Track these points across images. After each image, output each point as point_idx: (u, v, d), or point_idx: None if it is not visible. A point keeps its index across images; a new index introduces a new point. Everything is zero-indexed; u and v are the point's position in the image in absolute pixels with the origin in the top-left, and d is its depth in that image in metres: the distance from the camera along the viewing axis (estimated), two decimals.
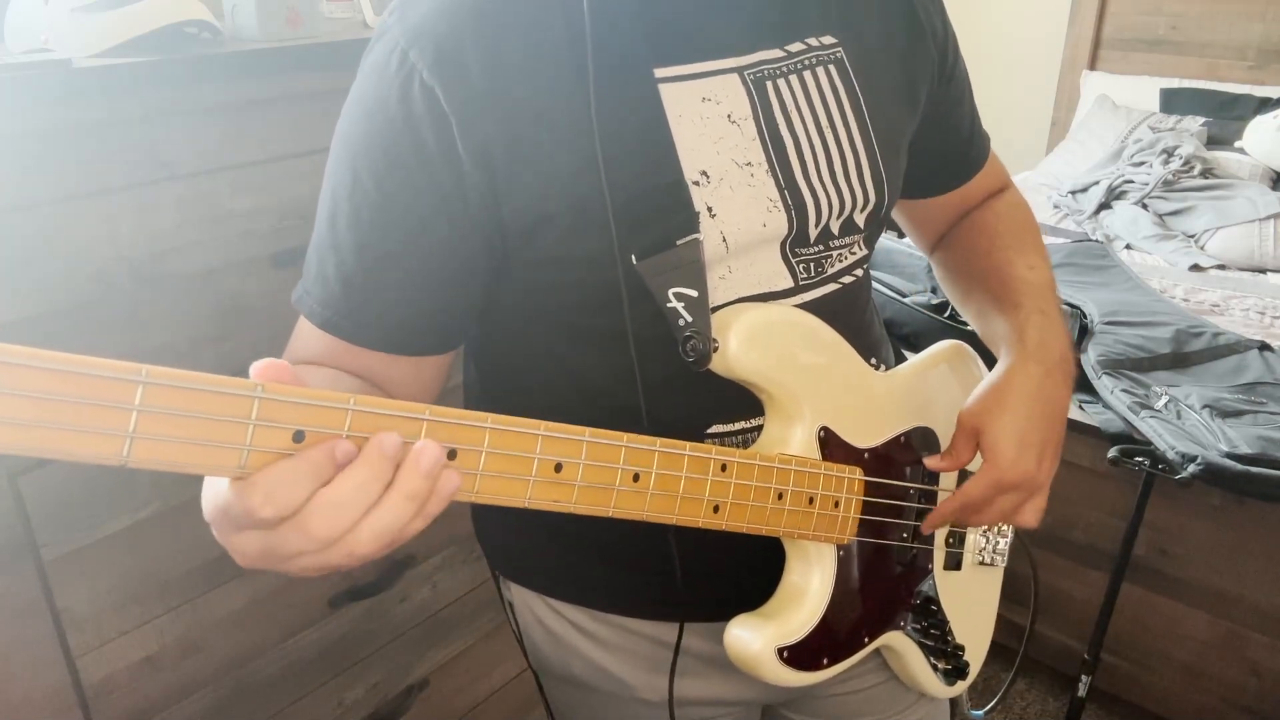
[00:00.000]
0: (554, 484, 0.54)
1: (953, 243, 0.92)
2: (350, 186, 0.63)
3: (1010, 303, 0.81)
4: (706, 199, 0.66)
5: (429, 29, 0.60)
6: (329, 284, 0.64)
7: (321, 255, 0.65)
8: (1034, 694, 1.99)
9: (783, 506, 0.67)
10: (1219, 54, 2.97)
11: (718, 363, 0.66)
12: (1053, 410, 0.75)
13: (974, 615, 0.88)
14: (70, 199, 0.97)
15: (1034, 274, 0.83)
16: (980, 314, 0.86)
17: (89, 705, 1.09)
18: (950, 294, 0.94)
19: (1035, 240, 0.88)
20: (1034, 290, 0.81)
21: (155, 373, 0.39)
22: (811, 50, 0.71)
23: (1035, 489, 0.75)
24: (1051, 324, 0.78)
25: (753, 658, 0.70)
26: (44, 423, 0.37)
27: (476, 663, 1.57)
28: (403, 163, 0.61)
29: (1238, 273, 2.28)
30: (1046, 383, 0.75)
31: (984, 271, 0.86)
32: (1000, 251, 0.85)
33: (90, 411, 0.38)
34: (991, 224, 0.89)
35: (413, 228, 0.62)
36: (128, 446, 0.39)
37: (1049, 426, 0.75)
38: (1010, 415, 0.73)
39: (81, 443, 0.38)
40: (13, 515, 0.98)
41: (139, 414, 0.39)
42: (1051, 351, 0.77)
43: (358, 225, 0.63)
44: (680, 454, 0.60)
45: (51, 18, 1.04)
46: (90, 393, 0.38)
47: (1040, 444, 0.74)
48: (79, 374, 0.38)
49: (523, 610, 0.86)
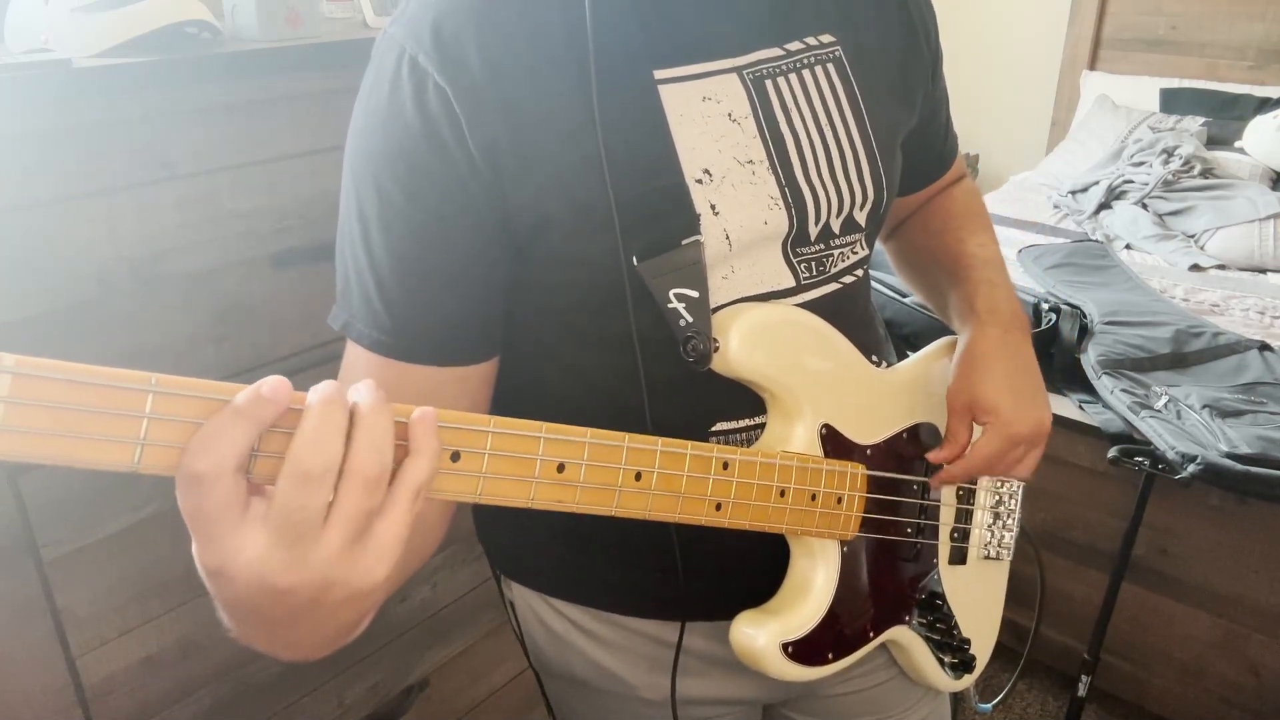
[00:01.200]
0: (557, 484, 0.54)
1: (909, 227, 0.95)
2: (378, 201, 0.62)
3: (961, 277, 0.85)
4: (710, 197, 0.66)
5: (433, 32, 0.60)
6: (372, 305, 0.64)
7: (360, 276, 0.64)
8: (1034, 694, 1.99)
9: (785, 504, 0.68)
10: (1219, 54, 2.97)
11: (719, 363, 0.66)
12: (1024, 362, 0.79)
13: (980, 609, 0.89)
14: (70, 199, 0.97)
15: (983, 250, 0.87)
16: (935, 292, 0.90)
17: (89, 705, 1.09)
18: (903, 275, 0.98)
19: (985, 222, 0.92)
20: (981, 263, 0.85)
21: (165, 381, 0.40)
22: (810, 49, 0.72)
23: (1042, 436, 0.78)
24: (997, 290, 0.82)
25: (758, 653, 0.71)
26: (58, 432, 0.38)
27: (476, 663, 1.57)
28: (427, 167, 0.61)
29: (1238, 273, 2.28)
30: (1008, 339, 0.78)
31: (936, 250, 0.90)
32: (953, 232, 0.89)
33: (103, 420, 0.39)
34: (946, 207, 0.93)
35: (446, 233, 0.62)
36: (139, 453, 0.40)
37: (1027, 375, 0.78)
38: (990, 375, 0.76)
39: (95, 451, 0.39)
40: (13, 515, 0.98)
41: (150, 421, 0.40)
42: (1001, 314, 0.80)
43: (391, 239, 0.62)
44: (682, 453, 0.60)
45: (51, 18, 1.04)
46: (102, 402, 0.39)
47: (1030, 392, 0.77)
48: (91, 384, 0.39)
49: (524, 610, 0.86)
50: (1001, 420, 0.75)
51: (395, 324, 0.63)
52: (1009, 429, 0.75)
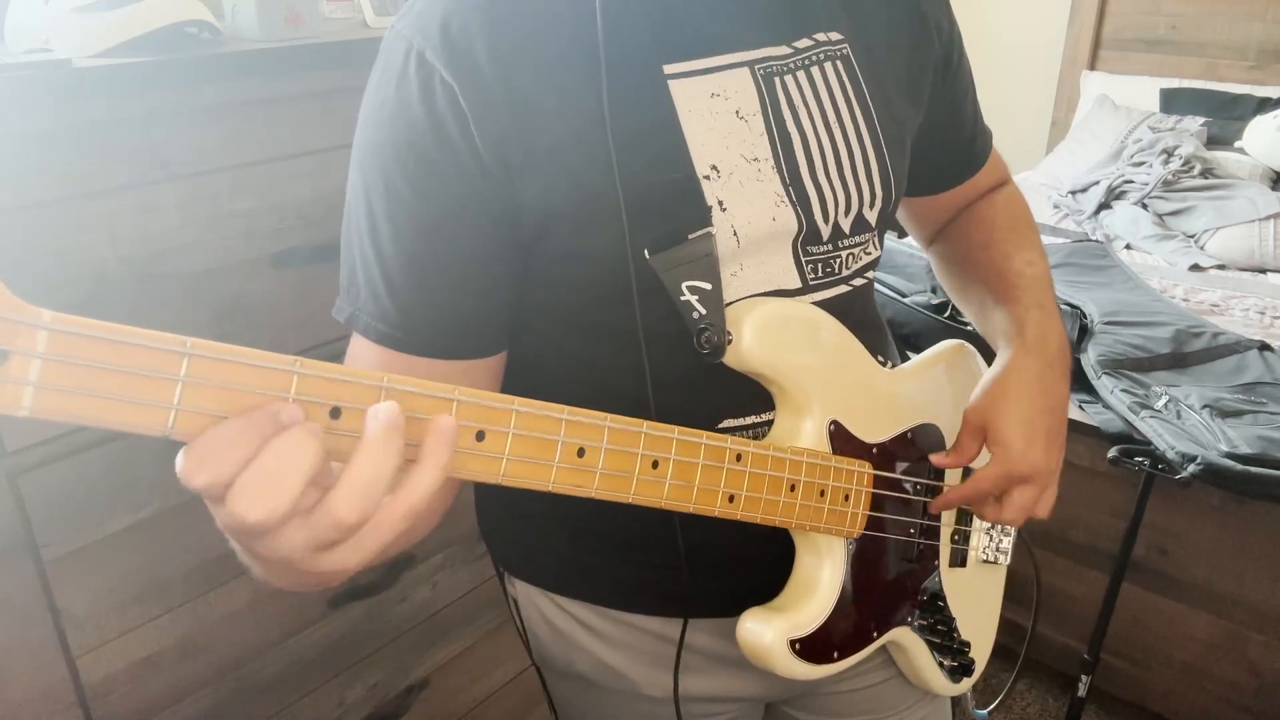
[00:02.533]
0: (576, 469, 0.54)
1: (951, 235, 0.93)
2: (385, 195, 0.62)
3: (1009, 297, 0.82)
4: (717, 193, 0.66)
5: (440, 28, 0.60)
6: (379, 297, 0.64)
7: (366, 269, 0.64)
8: (1034, 694, 1.99)
9: (795, 499, 0.68)
10: (1219, 54, 2.97)
11: (731, 355, 0.67)
12: (1054, 402, 0.77)
13: (979, 612, 0.89)
14: (70, 199, 0.97)
15: (1032, 269, 0.84)
16: (978, 307, 0.87)
17: (89, 705, 1.09)
18: (947, 286, 0.95)
19: (1033, 235, 0.89)
20: (1032, 285, 0.82)
21: (200, 345, 0.40)
22: (819, 46, 0.71)
23: (1047, 480, 0.77)
24: (1049, 318, 0.80)
25: (765, 649, 0.71)
26: (94, 392, 0.38)
27: (477, 663, 1.57)
28: (434, 163, 0.61)
29: (1238, 273, 2.28)
30: (1046, 374, 0.77)
31: (982, 264, 0.87)
32: (998, 245, 0.86)
33: (138, 382, 0.39)
34: (990, 217, 0.90)
35: (453, 227, 0.62)
36: (172, 418, 0.40)
37: (1052, 417, 0.76)
38: (1014, 408, 0.75)
39: (130, 413, 0.39)
40: (13, 515, 0.98)
41: (184, 385, 0.40)
42: (1050, 346, 0.78)
43: (398, 233, 0.62)
44: (697, 442, 0.61)
45: (51, 18, 1.04)
46: (138, 363, 0.38)
47: (1046, 435, 0.75)
48: (128, 344, 0.38)
49: (527, 606, 0.86)
50: (1008, 455, 0.74)
51: (402, 317, 0.64)
52: (1009, 465, 0.74)
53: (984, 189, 0.93)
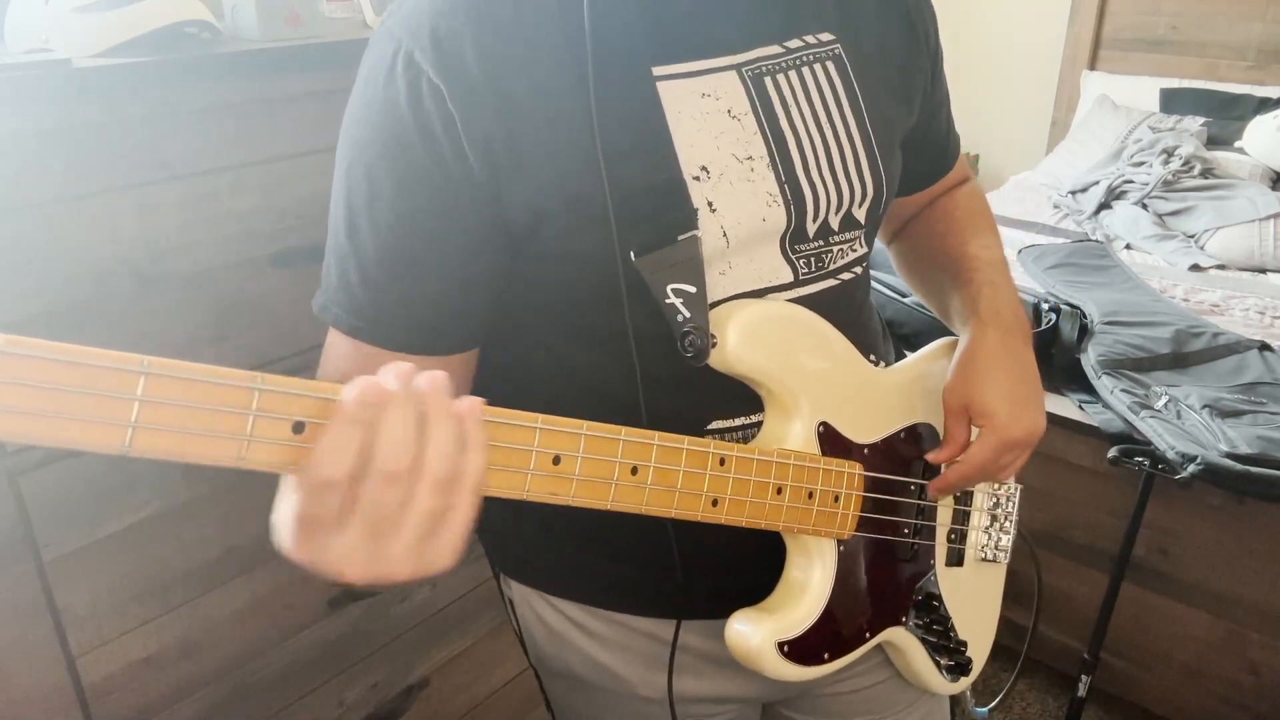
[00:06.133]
0: (552, 477, 0.54)
1: (912, 231, 0.95)
2: (367, 191, 0.63)
3: (963, 280, 0.84)
4: (707, 194, 0.66)
5: (429, 29, 0.60)
6: (353, 291, 0.64)
7: (343, 263, 0.64)
8: (1034, 694, 1.99)
9: (782, 501, 0.68)
10: (1219, 54, 2.97)
11: (716, 358, 0.66)
12: (1023, 367, 0.78)
13: (977, 612, 0.88)
14: (70, 199, 0.97)
15: (987, 252, 0.86)
16: (939, 297, 0.89)
17: (89, 705, 1.09)
18: (906, 277, 0.97)
19: (988, 223, 0.91)
20: (985, 265, 0.84)
21: (156, 363, 0.40)
22: (810, 47, 0.72)
23: (1034, 441, 0.78)
24: (1001, 293, 0.82)
25: (753, 651, 0.71)
26: (48, 412, 0.38)
27: (476, 663, 1.57)
28: (418, 162, 0.61)
29: (1238, 273, 2.28)
30: (1009, 342, 0.78)
31: (939, 253, 0.89)
32: (956, 234, 0.89)
33: (93, 401, 0.39)
34: (950, 210, 0.92)
35: (433, 226, 0.63)
36: (129, 436, 0.40)
37: (1025, 381, 0.78)
38: (988, 379, 0.76)
39: (85, 432, 0.39)
40: (13, 515, 0.98)
41: (141, 404, 0.40)
42: (1005, 317, 0.80)
43: (378, 229, 0.63)
44: (679, 448, 0.60)
45: (51, 18, 1.04)
46: (93, 383, 0.39)
47: (1025, 398, 0.76)
48: (82, 364, 0.38)
49: (523, 607, 0.86)
50: (997, 424, 0.75)
51: (374, 310, 0.64)
52: (1004, 434, 0.75)
53: (949, 186, 0.95)
